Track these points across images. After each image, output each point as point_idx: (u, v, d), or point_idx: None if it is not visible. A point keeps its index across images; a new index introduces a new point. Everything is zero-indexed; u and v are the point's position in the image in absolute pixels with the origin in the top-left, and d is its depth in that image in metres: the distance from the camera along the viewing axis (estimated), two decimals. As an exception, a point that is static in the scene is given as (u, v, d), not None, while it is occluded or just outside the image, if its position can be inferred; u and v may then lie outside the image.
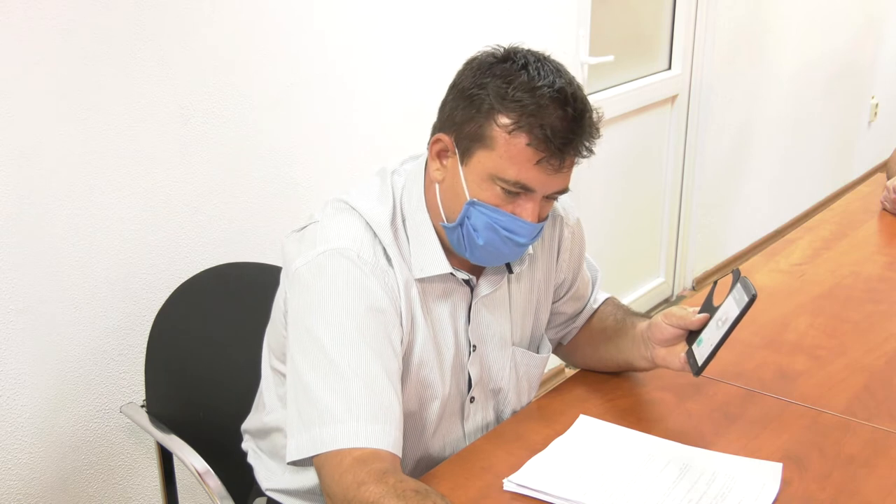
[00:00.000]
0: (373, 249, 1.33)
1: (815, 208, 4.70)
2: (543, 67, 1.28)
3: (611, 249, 3.46)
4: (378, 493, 1.17)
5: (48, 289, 1.76)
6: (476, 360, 1.47)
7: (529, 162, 1.27)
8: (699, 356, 1.38)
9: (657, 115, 3.58)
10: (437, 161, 1.35)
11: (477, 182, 1.30)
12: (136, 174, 1.85)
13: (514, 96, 1.25)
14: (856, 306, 1.95)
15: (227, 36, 1.96)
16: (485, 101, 1.27)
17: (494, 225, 1.31)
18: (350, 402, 1.25)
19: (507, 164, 1.27)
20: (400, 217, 1.39)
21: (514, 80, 1.26)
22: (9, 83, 1.63)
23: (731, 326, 1.33)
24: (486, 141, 1.28)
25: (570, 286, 1.62)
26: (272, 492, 1.52)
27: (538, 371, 1.59)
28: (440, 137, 1.33)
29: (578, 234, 1.60)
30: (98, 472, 1.92)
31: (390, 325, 1.32)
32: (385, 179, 1.42)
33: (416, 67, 2.39)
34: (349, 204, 1.38)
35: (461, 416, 1.49)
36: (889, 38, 5.17)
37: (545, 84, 1.26)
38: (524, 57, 1.29)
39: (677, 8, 3.55)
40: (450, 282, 1.41)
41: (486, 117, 1.27)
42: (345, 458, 1.22)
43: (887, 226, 2.42)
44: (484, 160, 1.29)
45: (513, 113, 1.25)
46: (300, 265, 1.33)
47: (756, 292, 1.30)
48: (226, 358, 1.77)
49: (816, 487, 1.35)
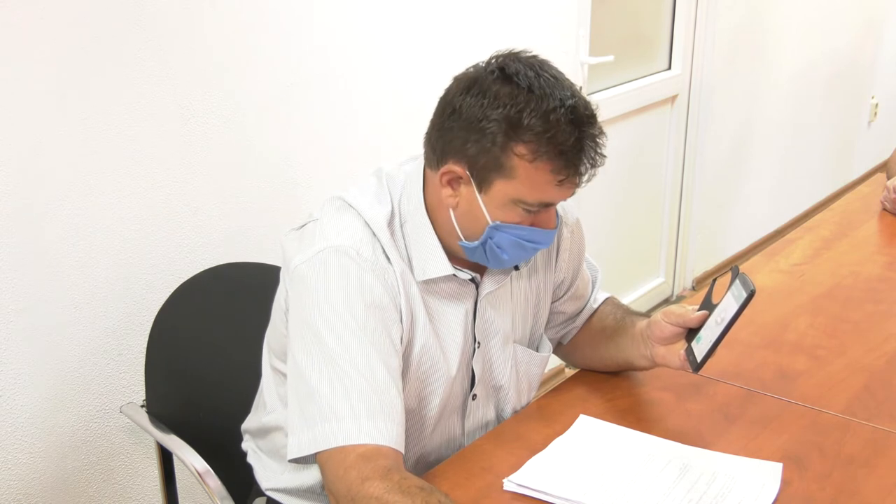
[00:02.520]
0: (372, 247, 1.34)
1: (815, 208, 4.70)
2: (547, 83, 1.27)
3: (611, 249, 3.46)
4: (382, 488, 1.17)
5: (48, 289, 1.76)
6: (479, 356, 1.48)
7: (551, 184, 1.28)
8: (698, 353, 1.38)
9: (657, 115, 3.58)
10: (448, 188, 1.34)
11: (498, 207, 1.31)
12: (136, 174, 1.85)
13: (528, 124, 1.25)
14: (856, 306, 1.95)
15: (227, 36, 1.96)
16: (498, 133, 1.26)
17: (520, 241, 1.34)
18: (352, 398, 1.25)
19: (529, 190, 1.29)
20: (398, 218, 1.39)
21: (525, 106, 1.25)
22: (9, 83, 1.63)
23: (730, 322, 1.33)
24: (506, 171, 1.28)
25: (570, 286, 1.62)
26: (272, 491, 1.52)
27: (538, 370, 1.59)
28: (452, 169, 1.32)
29: (578, 234, 1.60)
30: (98, 472, 1.92)
31: (390, 321, 1.32)
32: (382, 180, 1.43)
33: (415, 68, 2.39)
34: (347, 202, 1.39)
35: (462, 413, 1.50)
36: (889, 39, 5.17)
37: (556, 105, 1.25)
38: (525, 77, 1.27)
39: (677, 8, 3.55)
40: (453, 281, 1.41)
41: (501, 149, 1.27)
42: (348, 455, 1.22)
43: (887, 226, 2.42)
44: (504, 188, 1.30)
45: (530, 143, 1.25)
46: (300, 263, 1.34)
47: (755, 288, 1.31)
48: (226, 358, 1.77)
49: (816, 487, 1.35)
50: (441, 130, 1.33)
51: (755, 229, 4.34)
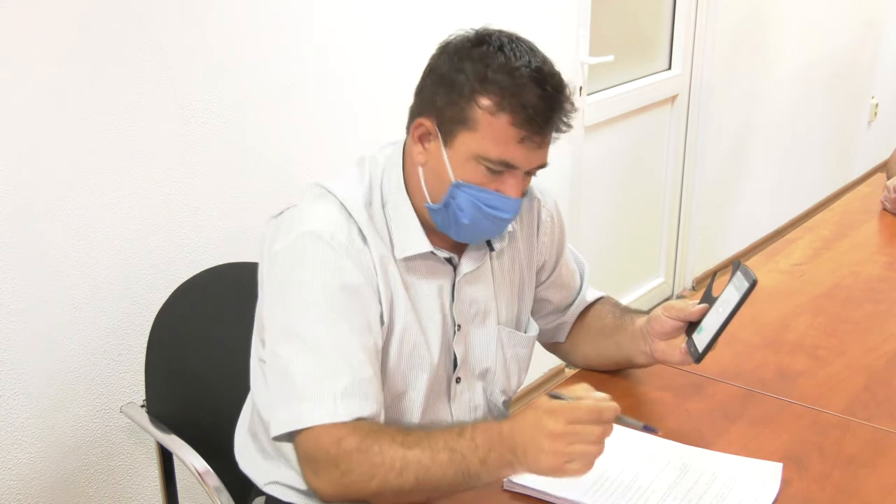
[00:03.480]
0: (347, 231, 1.35)
1: (815, 208, 4.70)
2: (518, 48, 1.32)
3: (611, 249, 3.46)
4: (357, 439, 1.23)
5: (48, 289, 1.76)
6: (461, 339, 1.48)
7: (513, 140, 1.30)
8: (699, 343, 1.38)
9: (657, 115, 3.58)
10: (419, 144, 1.38)
11: (461, 163, 1.33)
12: (136, 174, 1.85)
13: (493, 78, 1.29)
14: (856, 306, 1.95)
15: (227, 36, 1.96)
16: (465, 85, 1.30)
17: (479, 203, 1.34)
18: (326, 378, 1.27)
19: (490, 144, 1.30)
20: (379, 198, 1.41)
21: (492, 62, 1.30)
22: (9, 83, 1.63)
23: (732, 312, 1.34)
24: (469, 123, 1.31)
25: (553, 270, 1.63)
26: (270, 485, 1.52)
27: (526, 351, 1.59)
28: (422, 122, 1.36)
29: (558, 217, 1.61)
30: (98, 472, 1.92)
31: (367, 302, 1.34)
32: (363, 164, 1.45)
33: (415, 68, 2.38)
34: (326, 188, 1.41)
35: (448, 396, 1.50)
36: (889, 39, 5.17)
37: (522, 64, 1.29)
38: (498, 39, 1.32)
39: (677, 8, 3.55)
40: (431, 260, 1.42)
41: (467, 100, 1.30)
42: (324, 431, 1.25)
43: (887, 226, 2.42)
44: (467, 142, 1.32)
45: (493, 94, 1.29)
46: (278, 249, 1.36)
47: (756, 278, 1.32)
48: (226, 358, 1.77)
49: (816, 487, 1.35)
50: (418, 91, 1.39)
51: (755, 229, 4.34)
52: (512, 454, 1.20)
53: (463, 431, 1.23)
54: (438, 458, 1.22)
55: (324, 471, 1.26)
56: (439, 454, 1.22)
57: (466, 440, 1.22)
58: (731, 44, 3.75)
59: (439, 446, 1.22)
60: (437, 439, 1.23)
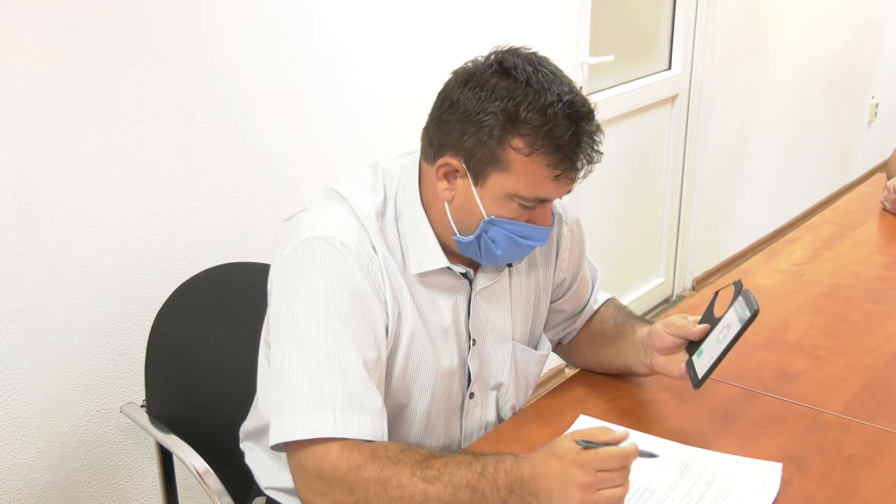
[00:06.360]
0: (358, 238, 1.34)
1: (815, 208, 4.70)
2: (545, 78, 1.27)
3: (611, 249, 3.46)
4: (377, 468, 1.21)
5: (48, 289, 1.76)
6: (476, 354, 1.47)
7: (548, 179, 1.28)
8: (699, 368, 1.38)
9: (657, 115, 3.58)
10: (444, 181, 1.34)
11: (493, 201, 1.31)
12: (136, 174, 1.85)
13: (525, 118, 1.25)
14: (856, 306, 1.95)
15: (227, 36, 1.96)
16: (495, 126, 1.26)
17: (514, 236, 1.33)
18: (325, 389, 1.26)
19: (524, 185, 1.28)
20: (393, 211, 1.39)
21: (522, 100, 1.25)
22: (9, 83, 1.63)
23: (733, 341, 1.33)
24: (501, 164, 1.28)
25: (570, 285, 1.62)
26: (271, 490, 1.52)
27: (537, 369, 1.59)
28: (448, 161, 1.32)
29: (578, 233, 1.60)
30: (98, 472, 1.92)
31: (373, 312, 1.32)
32: (377, 172, 1.43)
33: (415, 68, 2.39)
34: (339, 193, 1.39)
35: (460, 412, 1.49)
36: (889, 39, 5.17)
37: (553, 100, 1.25)
38: (524, 71, 1.27)
39: (677, 8, 3.56)
40: (447, 275, 1.41)
41: (497, 141, 1.27)
42: (334, 454, 1.23)
43: (887, 226, 2.42)
44: (501, 182, 1.29)
45: (526, 136, 1.25)
46: (287, 253, 1.35)
47: (758, 307, 1.30)
48: (226, 358, 1.77)
49: (816, 487, 1.35)
50: (438, 124, 1.33)
51: (755, 229, 4.34)
52: (534, 498, 1.20)
53: (485, 471, 1.21)
54: (459, 496, 1.20)
55: (334, 494, 1.23)
56: (461, 493, 1.20)
57: (488, 480, 1.20)
58: (730, 44, 3.75)
59: (462, 484, 1.20)
60: (459, 476, 1.21)
